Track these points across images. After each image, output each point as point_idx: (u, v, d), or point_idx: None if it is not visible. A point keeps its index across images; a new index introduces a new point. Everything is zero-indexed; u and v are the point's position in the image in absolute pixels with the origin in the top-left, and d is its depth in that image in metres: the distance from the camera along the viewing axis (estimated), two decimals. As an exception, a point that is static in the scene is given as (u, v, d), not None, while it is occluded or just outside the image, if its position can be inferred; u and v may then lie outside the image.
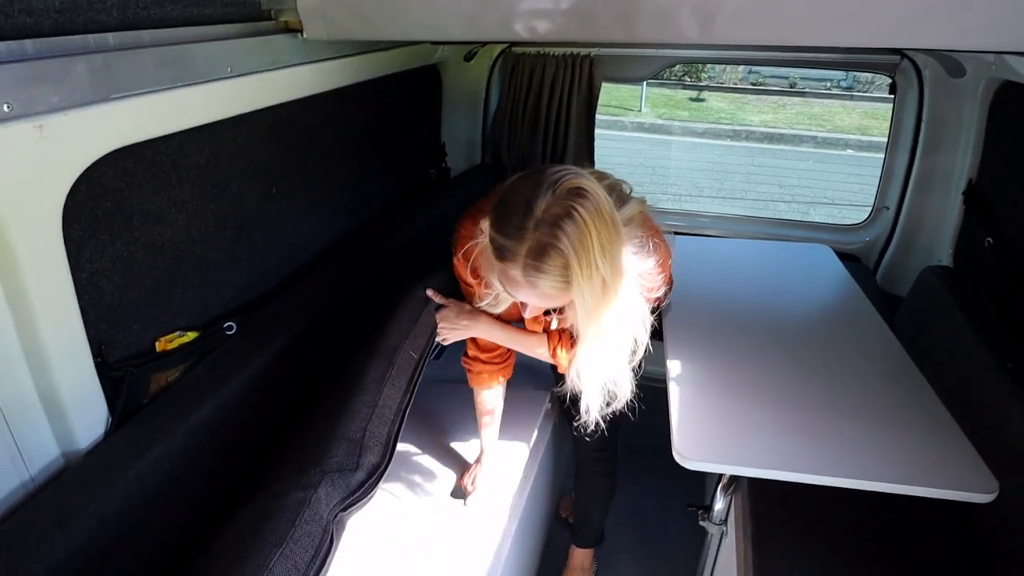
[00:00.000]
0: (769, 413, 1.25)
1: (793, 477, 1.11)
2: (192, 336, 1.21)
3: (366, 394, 1.17)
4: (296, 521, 0.95)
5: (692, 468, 1.13)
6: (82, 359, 0.99)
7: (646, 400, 2.41)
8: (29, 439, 0.96)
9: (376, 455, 1.10)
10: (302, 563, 0.92)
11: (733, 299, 1.71)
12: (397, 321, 1.32)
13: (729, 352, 1.45)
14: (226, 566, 0.90)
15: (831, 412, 1.25)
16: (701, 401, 1.29)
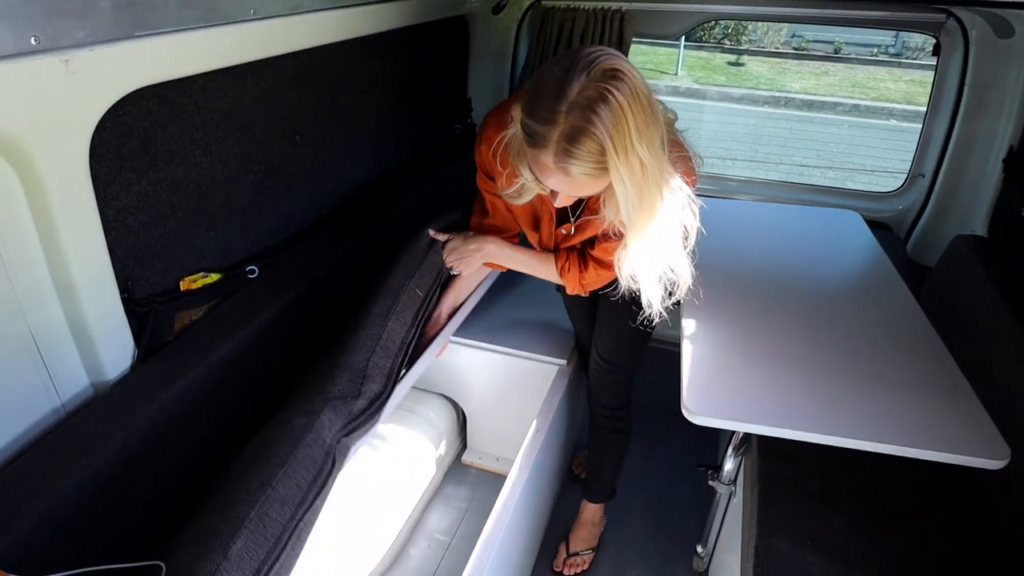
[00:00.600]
0: (783, 374, 1.24)
1: (802, 436, 1.11)
2: (215, 278, 1.24)
3: (370, 328, 1.20)
4: (299, 444, 1.00)
5: (699, 423, 1.14)
6: (109, 293, 1.03)
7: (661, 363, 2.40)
8: (60, 369, 1.01)
9: (378, 384, 1.13)
10: (304, 482, 0.97)
11: (755, 262, 1.69)
12: (403, 261, 1.35)
13: (747, 313, 1.44)
14: (234, 484, 0.95)
15: (846, 375, 1.24)
16: (714, 359, 1.29)
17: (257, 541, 0.89)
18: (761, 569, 1.14)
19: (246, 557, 0.87)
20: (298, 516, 0.94)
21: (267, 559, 0.89)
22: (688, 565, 1.79)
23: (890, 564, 1.16)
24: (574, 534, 1.83)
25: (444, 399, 1.99)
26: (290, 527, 0.93)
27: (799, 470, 1.35)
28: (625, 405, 1.67)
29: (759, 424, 1.12)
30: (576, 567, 1.79)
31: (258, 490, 0.93)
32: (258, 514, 0.91)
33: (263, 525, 0.91)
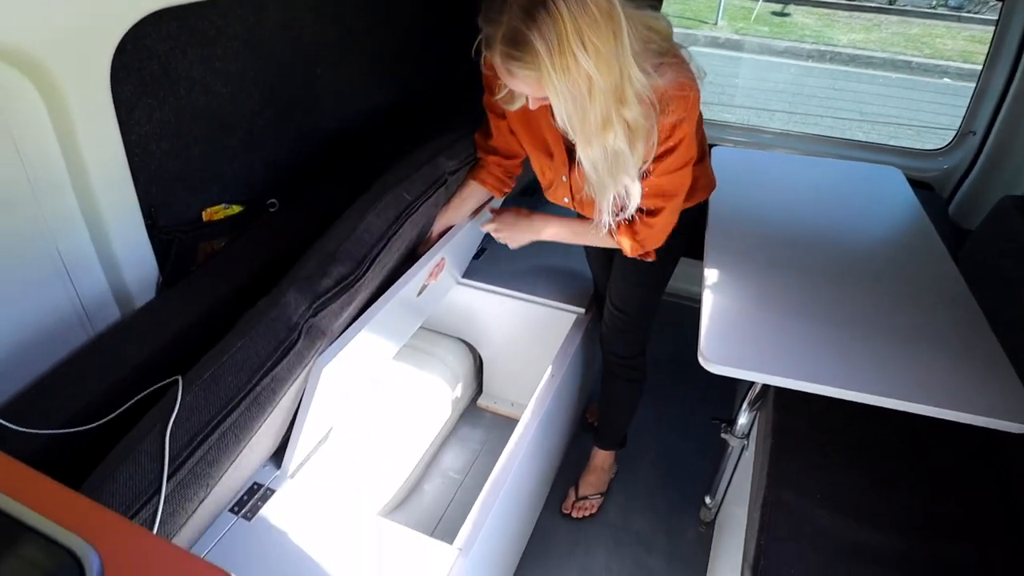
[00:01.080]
0: (807, 327, 1.22)
1: (822, 390, 1.09)
2: (237, 210, 1.25)
3: (347, 220, 1.20)
4: (261, 319, 1.02)
5: (716, 372, 1.13)
6: (134, 220, 1.05)
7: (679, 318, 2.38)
8: (89, 293, 1.04)
9: (346, 267, 1.13)
10: (263, 352, 1.00)
11: (787, 214, 1.63)
12: (396, 167, 1.33)
13: (774, 265, 1.41)
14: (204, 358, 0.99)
15: (873, 332, 1.21)
16: (736, 308, 1.26)
17: (209, 399, 0.93)
18: (768, 519, 1.15)
19: (196, 411, 0.91)
20: (254, 380, 0.98)
21: (216, 415, 0.93)
22: (695, 515, 1.82)
23: (900, 520, 1.16)
24: (584, 479, 1.87)
25: (461, 343, 2.01)
26: (245, 389, 0.97)
27: (814, 426, 1.34)
28: (638, 354, 1.67)
29: (778, 376, 1.11)
30: (584, 510, 1.83)
31: (216, 357, 0.97)
32: (212, 376, 0.95)
33: (216, 385, 0.95)
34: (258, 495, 1.23)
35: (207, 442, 0.91)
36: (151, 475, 0.84)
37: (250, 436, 1.00)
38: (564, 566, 1.68)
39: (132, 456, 0.84)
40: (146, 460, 0.84)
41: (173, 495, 0.86)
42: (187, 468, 0.88)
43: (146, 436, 0.86)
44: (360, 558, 1.14)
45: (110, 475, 0.81)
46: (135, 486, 0.83)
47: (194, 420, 0.91)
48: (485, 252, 1.97)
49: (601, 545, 1.74)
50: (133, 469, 0.83)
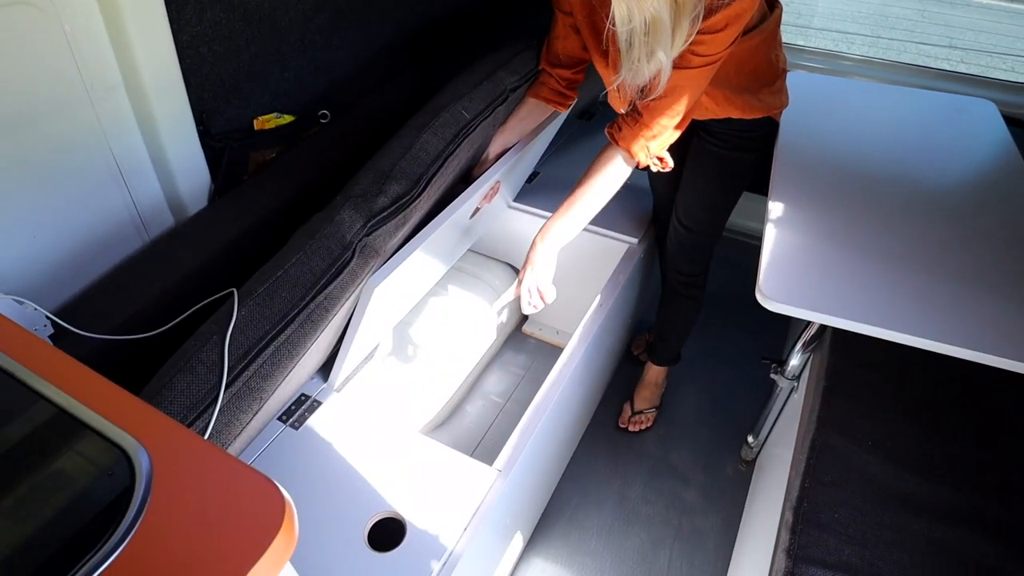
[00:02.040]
0: (876, 267, 1.14)
1: (883, 334, 1.03)
2: (288, 119, 1.23)
3: (403, 137, 1.17)
4: (315, 235, 1.02)
5: (774, 310, 1.08)
6: (186, 125, 1.04)
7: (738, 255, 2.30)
8: (144, 199, 1.05)
9: (402, 186, 1.11)
10: (317, 269, 0.99)
11: (861, 147, 1.52)
12: (453, 84, 1.28)
13: (845, 200, 1.32)
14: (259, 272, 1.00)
15: (945, 276, 1.13)
16: (799, 244, 1.19)
17: (264, 314, 0.94)
18: (814, 462, 1.12)
19: (251, 325, 0.92)
20: (308, 297, 0.98)
21: (271, 330, 0.94)
22: (736, 453, 1.81)
23: (955, 473, 1.11)
24: (638, 394, 1.90)
25: (508, 267, 1.99)
26: (299, 305, 0.97)
27: (870, 371, 1.29)
28: (701, 272, 1.64)
29: (839, 317, 1.05)
30: (640, 424, 1.88)
31: (271, 271, 0.98)
32: (267, 290, 0.96)
33: (271, 300, 0.95)
34: (305, 406, 1.27)
35: (262, 356, 0.93)
36: (208, 385, 0.86)
37: (303, 352, 1.01)
38: (601, 493, 1.71)
39: (190, 365, 0.86)
40: (203, 370, 0.86)
41: (228, 406, 0.88)
42: (242, 380, 0.90)
43: (203, 346, 0.88)
44: (402, 473, 1.17)
45: (168, 383, 0.83)
46: (192, 395, 0.84)
47: (249, 333, 0.92)
48: (538, 176, 1.92)
49: (639, 475, 1.76)
50: (191, 378, 0.85)
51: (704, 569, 1.56)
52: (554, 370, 1.39)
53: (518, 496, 1.34)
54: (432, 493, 1.16)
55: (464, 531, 1.12)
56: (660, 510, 1.68)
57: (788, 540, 1.02)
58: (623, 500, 1.70)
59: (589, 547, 1.60)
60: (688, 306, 1.71)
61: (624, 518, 1.66)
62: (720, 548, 1.60)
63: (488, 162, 1.43)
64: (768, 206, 1.27)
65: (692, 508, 1.69)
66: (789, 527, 1.04)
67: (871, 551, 1.00)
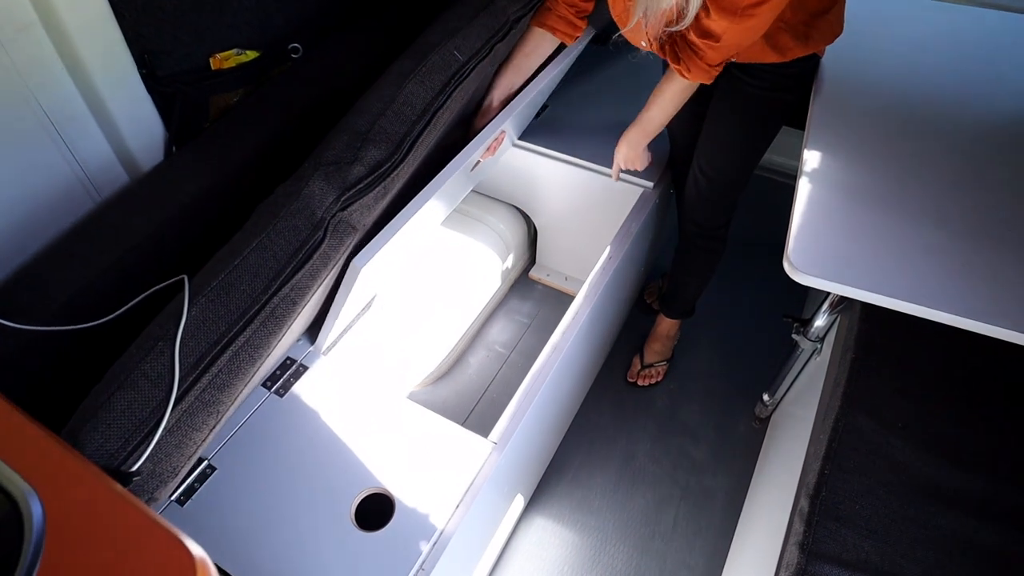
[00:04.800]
0: (925, 234, 0.99)
1: (926, 313, 0.91)
2: (252, 56, 1.08)
3: (384, 88, 1.00)
4: (279, 213, 0.88)
5: (803, 283, 0.95)
6: (123, 68, 0.90)
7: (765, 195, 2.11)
8: (87, 154, 0.92)
9: (381, 151, 0.96)
10: (283, 255, 0.86)
11: (922, 86, 1.30)
12: (444, 17, 1.10)
13: (895, 150, 1.14)
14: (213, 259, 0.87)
15: (1006, 248, 0.97)
16: (837, 204, 1.04)
17: (218, 313, 0.81)
18: (836, 445, 1.02)
19: (203, 327, 0.80)
20: (271, 290, 0.85)
21: (227, 331, 0.82)
22: (749, 410, 1.72)
23: (991, 461, 1.01)
24: (648, 347, 1.81)
25: (515, 211, 1.85)
26: (260, 300, 0.84)
27: (905, 344, 1.16)
28: (722, 225, 1.50)
29: (879, 294, 0.92)
30: (650, 378, 1.79)
31: (226, 260, 0.84)
32: (222, 283, 0.83)
33: (227, 295, 0.82)
34: (291, 371, 1.19)
35: (216, 364, 0.81)
36: (153, 402, 0.75)
37: (267, 352, 0.89)
38: (607, 450, 1.65)
39: (131, 380, 0.74)
40: (147, 385, 0.75)
41: (177, 426, 0.77)
42: (194, 394, 0.78)
43: (147, 355, 0.76)
44: (392, 445, 1.10)
45: (105, 402, 0.73)
46: (134, 415, 0.74)
47: (201, 338, 0.79)
48: (547, 110, 1.74)
49: (646, 432, 1.69)
50: (132, 395, 0.74)
51: (711, 531, 1.51)
52: (562, 324, 1.29)
53: (515, 467, 1.27)
54: (423, 467, 1.09)
55: (456, 508, 1.06)
56: (667, 469, 1.62)
57: (802, 532, 0.94)
58: (629, 458, 1.64)
59: (592, 506, 1.55)
60: (706, 258, 1.58)
61: (630, 477, 1.60)
62: (728, 509, 1.54)
63: (491, 110, 1.26)
64: (803, 157, 1.11)
65: (701, 467, 1.62)
66: (804, 517, 0.96)
67: (893, 548, 0.92)
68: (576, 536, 1.51)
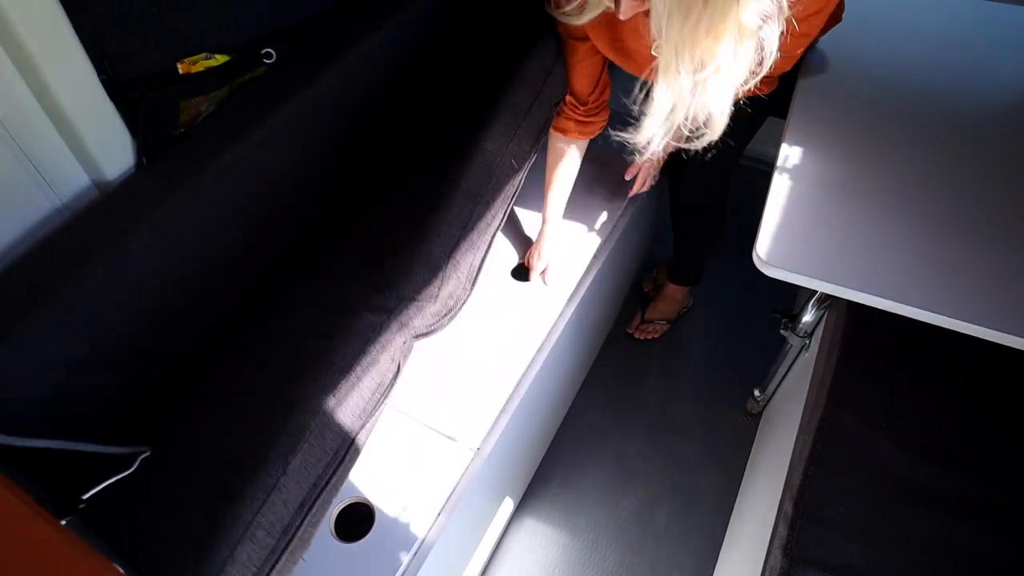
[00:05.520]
0: (898, 230, 0.97)
1: (895, 308, 0.89)
2: (222, 60, 1.05)
3: (454, 208, 1.03)
4: (367, 348, 0.91)
5: (773, 275, 0.94)
6: (80, 72, 0.86)
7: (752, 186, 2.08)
8: (50, 165, 0.89)
9: (459, 287, 1.02)
10: (367, 392, 0.90)
11: (910, 77, 1.28)
12: (499, 117, 1.11)
13: (874, 145, 1.12)
14: (287, 378, 0.88)
15: (984, 246, 0.95)
16: (811, 198, 1.02)
17: (316, 455, 0.84)
18: (820, 446, 1.00)
19: (304, 472, 0.83)
20: (357, 428, 0.88)
21: (324, 473, 0.85)
22: (741, 406, 1.71)
23: (977, 458, 0.99)
24: (653, 304, 1.83)
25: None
26: (348, 439, 0.87)
27: (891, 341, 1.14)
28: (720, 201, 1.50)
29: (852, 289, 0.90)
30: (647, 333, 1.82)
31: (320, 395, 0.86)
32: (319, 425, 0.85)
33: (323, 438, 0.85)
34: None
35: (316, 505, 0.84)
36: (267, 550, 0.79)
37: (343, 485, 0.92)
38: (597, 449, 1.64)
39: (250, 533, 0.78)
40: (264, 535, 0.79)
41: (285, 566, 0.82)
42: (297, 537, 0.82)
43: (261, 508, 0.79)
44: (369, 452, 1.09)
45: (229, 556, 0.76)
46: (254, 564, 0.78)
47: (303, 482, 0.83)
48: None
49: (637, 430, 1.67)
50: (252, 548, 0.78)
51: (702, 531, 1.50)
52: (542, 330, 1.27)
53: (500, 472, 1.26)
54: (404, 475, 1.08)
55: (438, 516, 1.04)
56: (659, 467, 1.60)
57: (786, 536, 0.93)
58: (620, 457, 1.62)
59: (583, 507, 1.54)
60: (707, 235, 1.59)
61: (620, 476, 1.59)
62: (720, 508, 1.53)
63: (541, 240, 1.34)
64: (781, 149, 1.09)
65: (692, 465, 1.61)
66: (788, 521, 0.94)
67: (876, 550, 0.90)
68: (567, 538, 1.49)
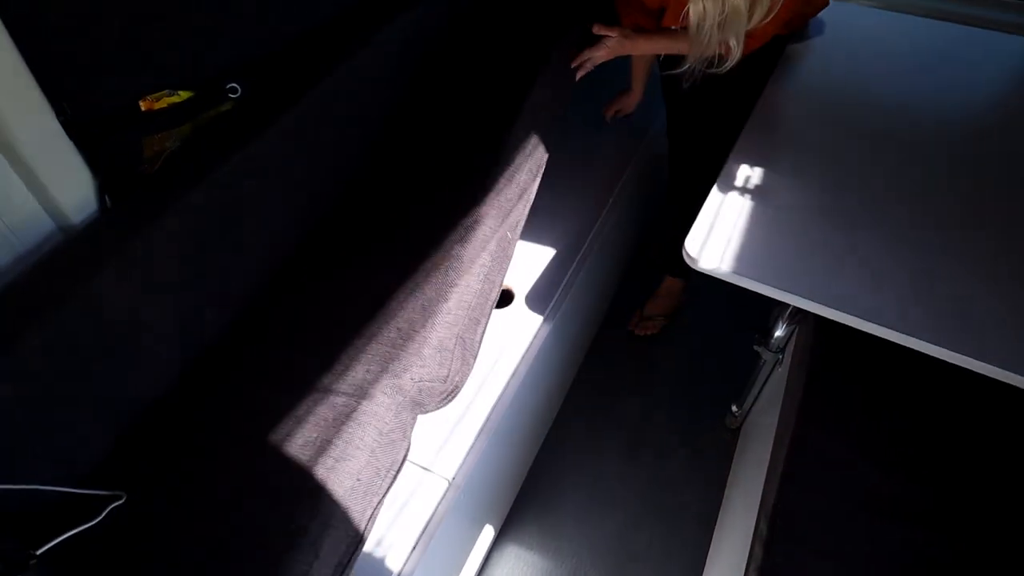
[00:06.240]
0: (859, 239, 0.99)
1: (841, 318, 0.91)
2: (185, 96, 1.05)
3: (457, 288, 1.05)
4: (384, 430, 0.93)
5: (698, 268, 0.98)
6: (37, 112, 0.86)
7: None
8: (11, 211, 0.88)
9: (466, 364, 1.04)
10: (383, 468, 0.92)
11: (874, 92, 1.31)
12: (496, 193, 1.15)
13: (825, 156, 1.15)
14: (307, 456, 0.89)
15: (947, 263, 0.97)
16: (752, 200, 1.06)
17: (340, 536, 0.85)
18: (792, 467, 1.01)
19: (331, 553, 0.84)
20: (373, 505, 0.90)
21: (348, 550, 0.86)
22: (720, 420, 1.72)
23: (947, 470, 1.01)
24: (651, 301, 1.89)
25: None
26: (366, 514, 0.89)
27: (858, 356, 1.15)
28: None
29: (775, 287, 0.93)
30: (647, 329, 1.88)
31: (344, 479, 0.88)
32: (343, 508, 0.86)
33: (348, 519, 0.86)
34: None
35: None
36: None
37: None
38: (577, 472, 1.63)
39: None
40: None
41: None
42: None
43: None
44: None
45: None
46: None
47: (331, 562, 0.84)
48: None
49: (618, 450, 1.67)
50: None
51: (685, 551, 1.49)
52: (515, 355, 1.27)
53: (478, 501, 1.25)
54: (377, 507, 1.07)
55: (413, 549, 1.03)
56: (640, 487, 1.60)
57: (761, 557, 0.93)
58: (601, 478, 1.62)
59: (565, 531, 1.53)
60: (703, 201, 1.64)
61: (602, 498, 1.58)
62: (702, 528, 1.52)
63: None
64: (733, 151, 1.13)
65: (673, 483, 1.61)
66: (763, 541, 0.94)
67: (850, 568, 0.91)
68: (551, 563, 1.48)
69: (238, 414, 0.97)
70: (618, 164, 1.70)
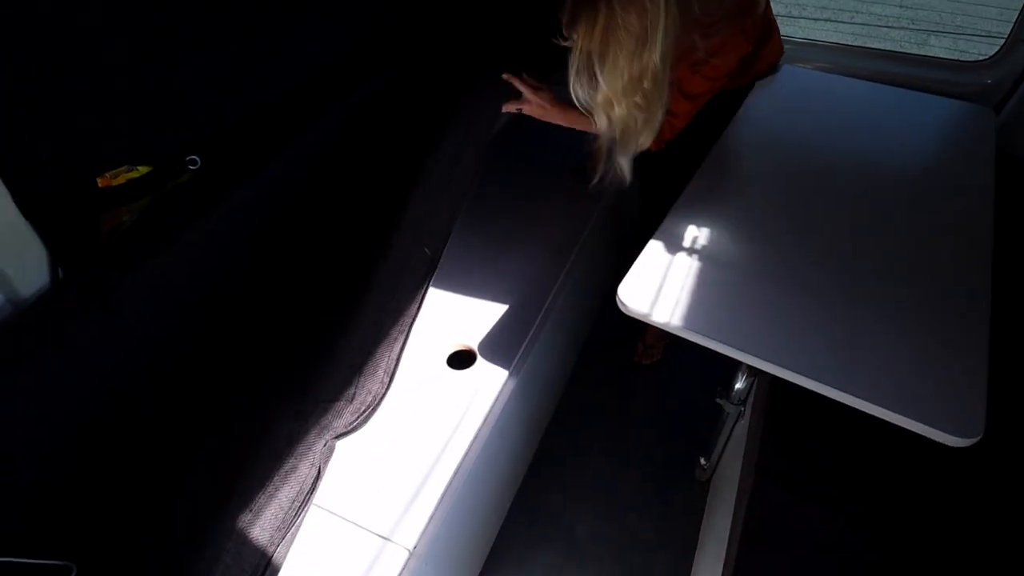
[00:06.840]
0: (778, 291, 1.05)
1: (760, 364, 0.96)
2: (144, 171, 1.07)
3: (370, 307, 1.07)
4: (283, 458, 0.92)
5: (628, 312, 1.04)
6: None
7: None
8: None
9: (376, 382, 1.04)
10: (286, 501, 0.90)
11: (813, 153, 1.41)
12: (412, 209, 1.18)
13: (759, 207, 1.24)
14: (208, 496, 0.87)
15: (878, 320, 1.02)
16: (697, 252, 1.13)
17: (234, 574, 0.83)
18: (750, 519, 1.01)
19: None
20: (276, 541, 0.87)
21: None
22: (691, 474, 1.72)
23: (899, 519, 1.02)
24: (650, 329, 1.95)
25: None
26: (268, 551, 0.87)
27: (815, 407, 1.17)
28: None
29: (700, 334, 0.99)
30: (652, 357, 2.02)
31: (237, 512, 0.86)
32: (236, 544, 0.85)
33: (240, 557, 0.84)
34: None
35: None
36: None
37: None
38: (550, 530, 1.60)
39: None
40: None
41: None
42: None
43: None
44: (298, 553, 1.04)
45: None
46: None
47: None
48: None
49: (589, 509, 1.65)
50: None
51: (658, 611, 1.47)
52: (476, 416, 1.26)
53: (439, 571, 1.22)
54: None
55: (375, 626, 0.99)
56: (612, 547, 1.58)
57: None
58: (573, 538, 1.59)
59: (537, 594, 1.49)
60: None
61: (574, 559, 1.55)
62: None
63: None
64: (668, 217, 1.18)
65: (646, 541, 1.59)
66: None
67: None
68: (523, 629, 1.44)
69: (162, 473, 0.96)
70: (581, 214, 1.71)
